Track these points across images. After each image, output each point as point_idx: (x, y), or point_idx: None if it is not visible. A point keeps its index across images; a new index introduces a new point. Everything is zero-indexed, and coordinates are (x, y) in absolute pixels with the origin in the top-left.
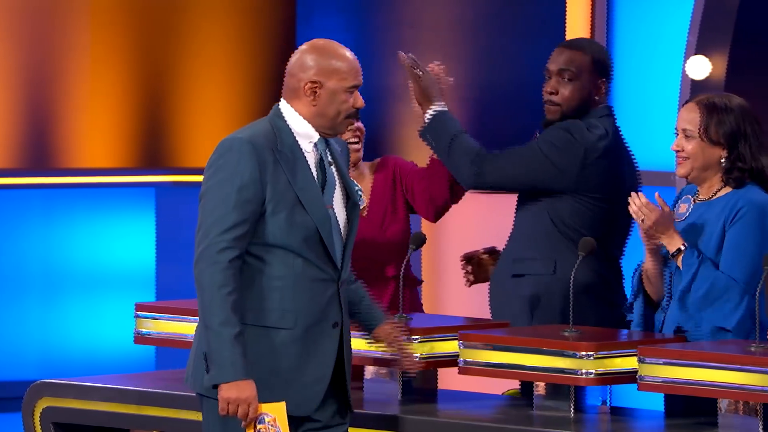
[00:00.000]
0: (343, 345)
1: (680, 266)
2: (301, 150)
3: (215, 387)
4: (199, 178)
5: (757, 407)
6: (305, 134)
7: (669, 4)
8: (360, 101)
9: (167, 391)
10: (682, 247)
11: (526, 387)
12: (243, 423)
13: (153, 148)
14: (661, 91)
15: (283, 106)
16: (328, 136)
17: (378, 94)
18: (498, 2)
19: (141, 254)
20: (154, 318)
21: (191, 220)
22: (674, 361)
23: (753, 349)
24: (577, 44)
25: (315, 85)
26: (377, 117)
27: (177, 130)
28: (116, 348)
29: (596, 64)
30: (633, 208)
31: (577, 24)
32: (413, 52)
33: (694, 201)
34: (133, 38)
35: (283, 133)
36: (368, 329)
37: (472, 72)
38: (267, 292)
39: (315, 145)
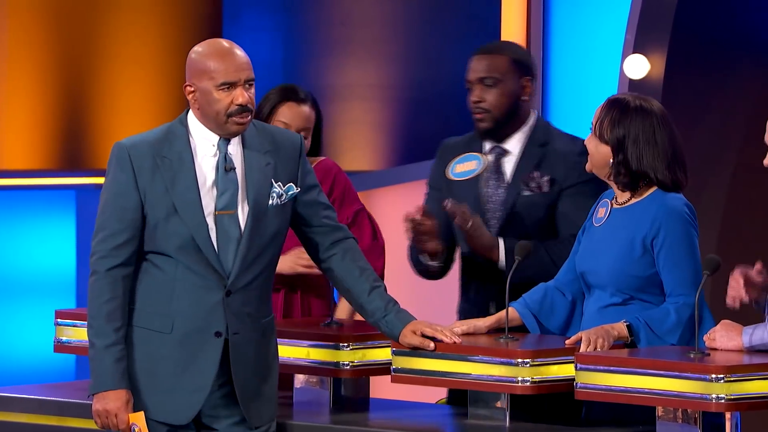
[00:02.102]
0: (230, 356)
1: (638, 337)
2: (192, 155)
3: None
4: None
5: (696, 415)
6: (204, 137)
7: (606, 2)
8: (241, 97)
9: (89, 402)
10: (625, 329)
11: (461, 395)
12: None
13: (73, 149)
14: (598, 91)
15: (190, 111)
16: (226, 137)
17: None
18: (431, 0)
19: (61, 259)
20: (74, 326)
21: None
22: (612, 368)
23: (692, 355)
24: (492, 49)
25: (191, 89)
26: None
27: (98, 130)
28: (35, 357)
29: (516, 64)
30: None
31: (512, 22)
32: (345, 50)
33: (612, 205)
34: (52, 35)
35: (175, 139)
36: (394, 337)
37: (405, 71)
38: (151, 295)
39: (218, 147)
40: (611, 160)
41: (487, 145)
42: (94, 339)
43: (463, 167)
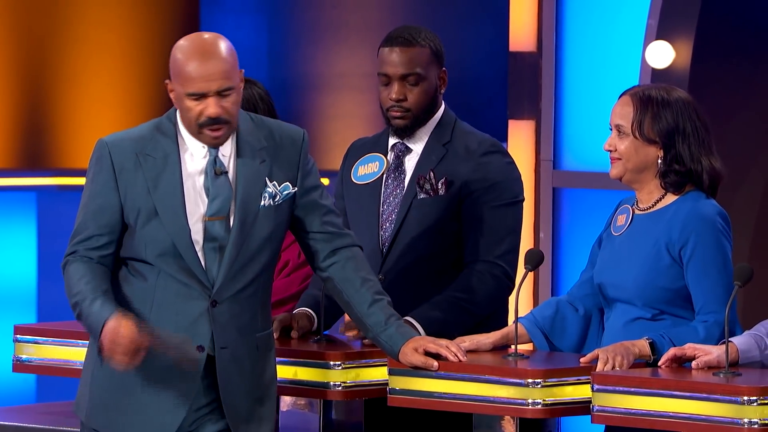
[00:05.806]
0: (218, 373)
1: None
2: (179, 155)
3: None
4: None
5: None
6: (195, 138)
7: None
8: (211, 110)
9: (50, 427)
10: (647, 347)
11: (464, 419)
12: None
13: (34, 145)
14: (617, 81)
15: None
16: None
17: (294, 82)
18: None
19: (20, 268)
20: (35, 342)
21: None
22: (632, 389)
23: (722, 375)
24: (410, 40)
25: (170, 88)
26: (293, 107)
27: (62, 124)
28: None
29: (435, 56)
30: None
31: (522, 3)
32: (336, 36)
33: (633, 211)
34: (8, 17)
35: (163, 137)
36: (393, 354)
37: None
38: (129, 305)
39: (208, 150)
40: (659, 160)
41: (391, 142)
42: (79, 300)
43: (366, 169)
